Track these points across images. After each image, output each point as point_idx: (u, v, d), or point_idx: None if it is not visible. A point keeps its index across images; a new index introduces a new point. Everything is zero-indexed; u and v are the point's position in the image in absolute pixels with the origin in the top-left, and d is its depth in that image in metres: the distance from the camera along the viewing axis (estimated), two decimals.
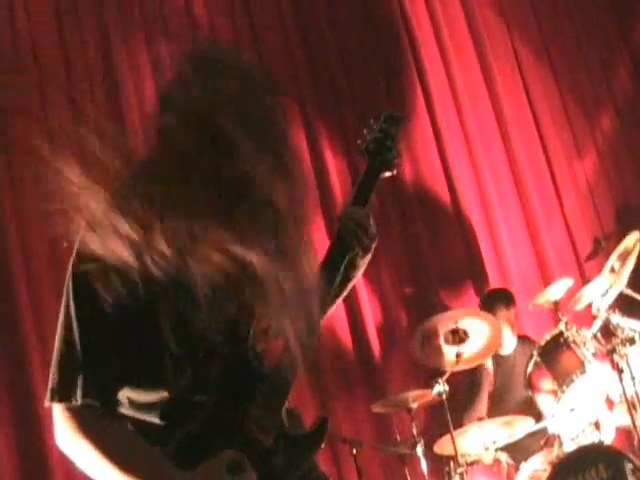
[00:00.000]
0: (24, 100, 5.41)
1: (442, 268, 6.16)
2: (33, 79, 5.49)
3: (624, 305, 5.47)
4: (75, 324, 1.82)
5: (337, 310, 5.61)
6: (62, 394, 1.80)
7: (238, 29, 6.22)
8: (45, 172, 1.80)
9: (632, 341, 5.07)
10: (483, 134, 6.57)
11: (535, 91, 6.87)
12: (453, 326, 5.08)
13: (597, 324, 5.29)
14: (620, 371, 4.86)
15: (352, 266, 2.21)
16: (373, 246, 2.20)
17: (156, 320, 1.81)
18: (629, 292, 5.45)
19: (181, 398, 1.86)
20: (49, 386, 1.83)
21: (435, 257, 6.17)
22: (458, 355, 5.00)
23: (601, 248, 5.80)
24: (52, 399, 1.82)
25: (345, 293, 2.29)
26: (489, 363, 5.57)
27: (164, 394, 1.86)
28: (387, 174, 2.24)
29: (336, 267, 2.12)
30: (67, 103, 5.51)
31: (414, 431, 4.96)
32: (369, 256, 2.23)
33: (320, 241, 5.51)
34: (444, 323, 5.09)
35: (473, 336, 5.11)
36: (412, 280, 6.08)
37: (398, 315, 5.99)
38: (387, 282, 6.01)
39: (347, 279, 2.24)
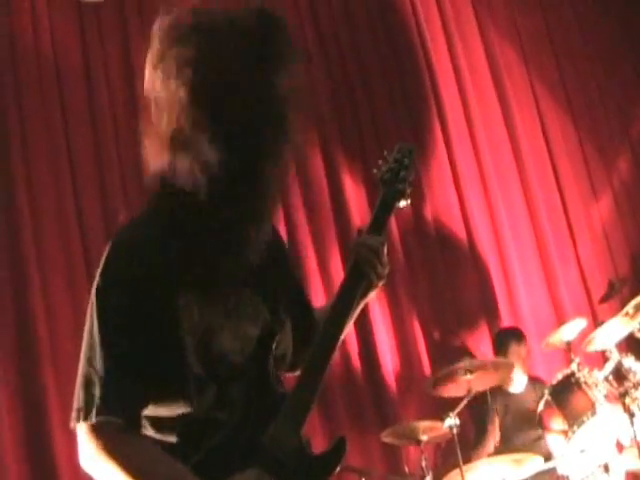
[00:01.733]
0: (46, 115, 5.47)
1: (458, 307, 6.22)
2: (55, 96, 5.57)
3: (637, 349, 5.54)
4: (98, 342, 1.84)
5: (350, 340, 5.69)
6: (85, 413, 1.81)
7: None
8: None
9: None
10: (500, 175, 6.67)
11: (553, 133, 6.98)
12: (467, 366, 5.09)
13: (609, 366, 5.33)
14: (631, 415, 4.89)
15: (364, 295, 2.21)
16: (386, 273, 2.19)
17: (181, 340, 1.85)
18: None
19: (203, 416, 1.89)
20: (74, 406, 1.84)
21: (452, 296, 6.22)
22: (469, 390, 5.03)
23: (615, 291, 5.85)
24: (77, 419, 1.82)
25: (351, 323, 2.27)
26: (499, 400, 5.59)
27: (186, 411, 1.88)
28: (402, 204, 2.29)
29: (353, 296, 2.13)
30: (89, 118, 5.59)
31: (423, 464, 4.96)
32: (380, 284, 2.22)
33: (336, 266, 5.60)
34: (459, 364, 5.10)
35: (485, 373, 5.14)
36: (430, 317, 6.12)
37: (414, 350, 6.01)
38: (407, 322, 6.06)
39: (356, 307, 2.22)
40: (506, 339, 5.70)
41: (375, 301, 5.86)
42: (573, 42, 7.27)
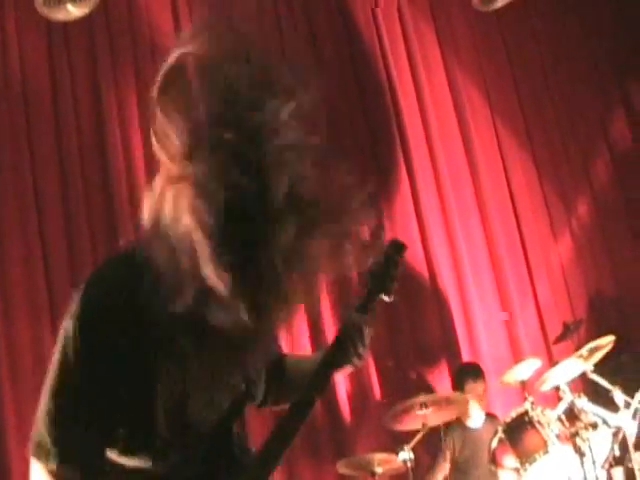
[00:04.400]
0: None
1: (417, 341, 6.28)
2: (21, 117, 5.58)
3: (590, 391, 5.61)
4: (65, 383, 1.79)
5: None
6: (42, 453, 1.78)
7: None
8: None
9: (595, 426, 5.18)
10: (462, 213, 6.75)
11: (515, 173, 7.08)
12: (423, 399, 5.14)
13: (562, 406, 5.40)
14: (582, 455, 4.94)
15: (339, 367, 2.21)
16: (365, 355, 2.22)
17: (153, 402, 1.80)
18: (595, 377, 5.54)
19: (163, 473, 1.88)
20: (33, 438, 1.81)
21: (412, 332, 6.28)
22: (424, 424, 5.06)
23: (570, 333, 5.91)
24: (34, 455, 1.80)
25: None
26: (457, 434, 5.62)
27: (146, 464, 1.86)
28: (385, 299, 2.31)
29: (328, 371, 2.15)
30: (54, 140, 5.60)
31: None
32: (359, 364, 2.23)
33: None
34: (416, 397, 5.16)
35: (441, 407, 5.19)
36: (388, 350, 6.15)
37: (371, 382, 6.05)
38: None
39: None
40: (464, 376, 5.74)
41: (331, 329, 5.90)
42: (536, 85, 7.39)
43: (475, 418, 5.69)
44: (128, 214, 5.41)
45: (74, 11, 5.40)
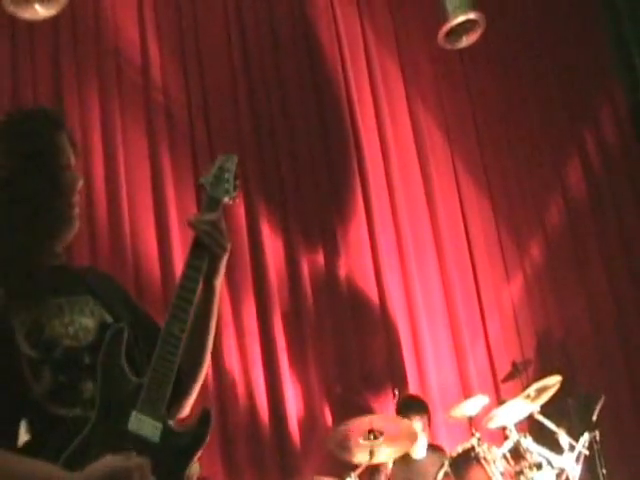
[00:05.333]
0: None
1: (366, 369, 6.23)
2: None
3: (535, 431, 5.64)
4: None
5: (258, 391, 5.64)
6: None
7: (192, 104, 6.31)
8: None
9: (539, 466, 5.25)
10: (417, 245, 6.78)
11: (471, 213, 7.13)
12: (369, 427, 5.08)
13: (508, 445, 5.45)
14: None
15: (214, 272, 2.26)
16: (228, 246, 2.26)
17: (8, 328, 1.91)
18: (541, 418, 5.57)
19: (56, 417, 1.90)
20: None
21: (360, 358, 6.24)
22: (372, 453, 4.99)
23: (518, 372, 5.95)
24: None
25: (215, 308, 2.30)
26: (399, 464, 5.56)
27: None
28: (227, 200, 2.35)
29: (199, 268, 2.19)
30: None
31: None
32: (225, 258, 2.27)
33: (250, 317, 5.57)
34: (362, 425, 5.10)
35: (387, 435, 5.11)
36: (336, 377, 6.10)
37: (320, 407, 6.01)
38: (313, 376, 6.06)
39: (212, 288, 2.27)
40: (409, 408, 5.66)
41: (283, 354, 5.84)
42: (496, 129, 7.46)
43: (419, 449, 5.63)
44: (84, 214, 5.31)
45: (41, 11, 5.30)
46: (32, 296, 2.01)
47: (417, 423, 5.54)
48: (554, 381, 5.57)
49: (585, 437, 5.52)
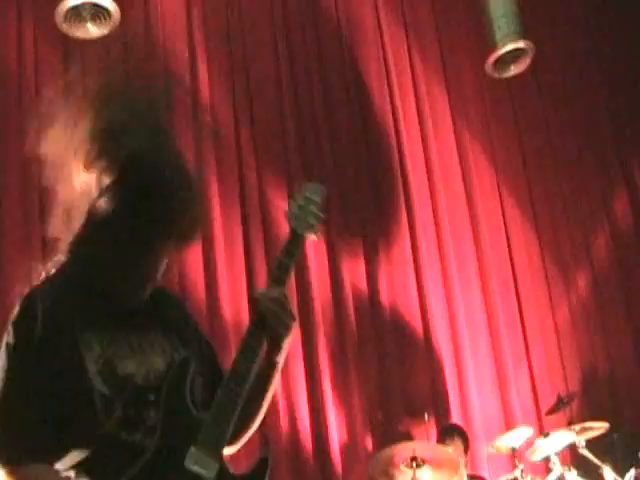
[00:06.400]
0: None
1: (408, 397, 6.17)
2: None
3: (579, 465, 5.53)
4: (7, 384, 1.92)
5: (301, 417, 5.60)
6: (8, 457, 1.87)
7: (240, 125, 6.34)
8: None
9: None
10: (462, 273, 6.72)
11: (517, 242, 7.08)
12: (412, 454, 5.02)
13: (552, 477, 5.38)
14: None
15: (276, 350, 2.18)
16: (293, 326, 2.17)
17: (82, 365, 1.94)
18: (585, 453, 5.46)
19: (116, 440, 1.92)
20: None
21: (403, 385, 6.19)
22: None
23: (563, 405, 5.85)
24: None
25: (273, 385, 2.25)
26: None
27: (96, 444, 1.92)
28: (312, 237, 2.28)
29: (255, 351, 2.11)
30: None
31: None
32: (290, 338, 2.19)
33: (294, 343, 5.52)
34: (404, 451, 5.07)
35: (430, 464, 5.06)
36: (379, 403, 6.05)
37: (362, 436, 5.94)
38: (356, 403, 6.01)
39: (273, 365, 2.20)
40: (449, 436, 5.61)
41: (327, 379, 5.80)
42: (543, 157, 7.41)
43: (460, 478, 5.54)
44: None
45: (93, 30, 5.37)
46: (108, 333, 2.01)
47: (455, 451, 5.47)
48: (600, 426, 5.55)
49: (631, 473, 5.40)
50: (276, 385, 2.25)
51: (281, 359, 2.20)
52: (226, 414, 1.99)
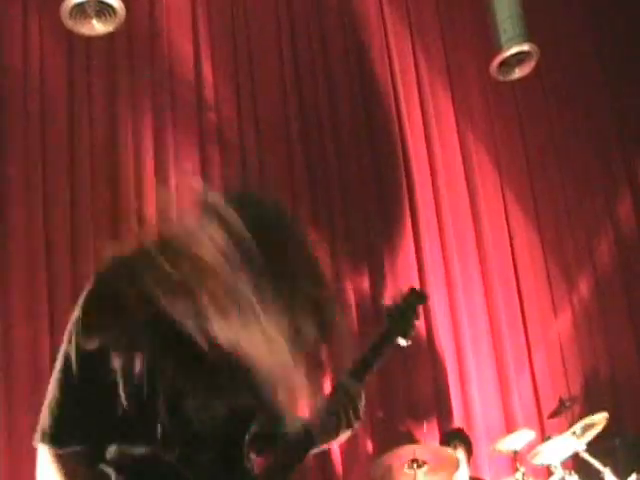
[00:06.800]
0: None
1: (410, 399, 6.14)
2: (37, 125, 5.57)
3: (581, 469, 5.52)
4: (76, 378, 1.86)
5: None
6: (53, 438, 1.85)
7: (244, 124, 6.33)
8: None
9: None
10: (465, 277, 6.68)
11: (520, 246, 7.04)
12: (412, 456, 5.02)
13: None
14: None
15: (330, 437, 2.22)
16: (357, 426, 2.21)
17: (155, 392, 1.85)
18: (587, 457, 5.44)
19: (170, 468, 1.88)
20: (40, 427, 1.87)
21: (405, 387, 6.16)
22: None
23: (565, 409, 5.84)
24: (42, 440, 1.86)
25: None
26: None
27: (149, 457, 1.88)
28: (401, 342, 2.33)
29: (314, 440, 2.13)
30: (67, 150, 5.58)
31: None
32: (347, 435, 2.23)
33: None
34: (405, 454, 5.06)
35: (430, 465, 5.06)
36: (380, 406, 6.03)
37: (363, 437, 5.90)
38: None
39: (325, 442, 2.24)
40: (452, 440, 5.60)
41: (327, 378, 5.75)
42: (547, 160, 7.40)
43: None
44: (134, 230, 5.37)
45: (99, 27, 5.36)
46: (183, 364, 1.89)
47: (459, 454, 5.46)
48: (600, 418, 5.48)
49: (633, 478, 5.39)
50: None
51: (330, 445, 2.26)
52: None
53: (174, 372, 1.86)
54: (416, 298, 2.43)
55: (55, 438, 1.85)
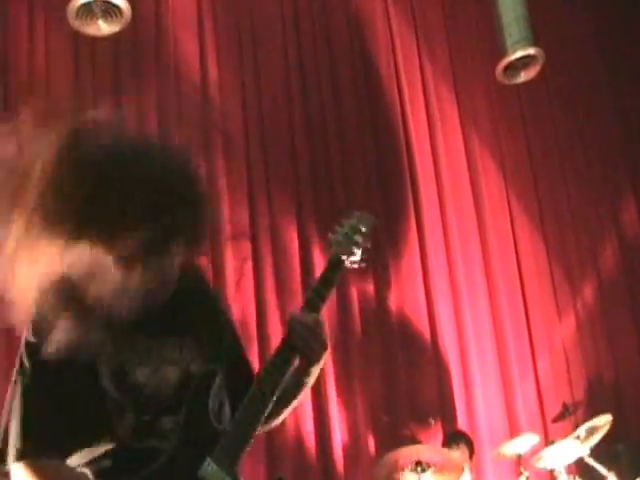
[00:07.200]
0: None
1: (414, 401, 6.13)
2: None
3: (584, 473, 5.53)
4: (19, 391, 1.94)
5: (305, 420, 5.57)
6: (26, 453, 1.88)
7: (249, 123, 6.33)
8: None
9: None
10: (469, 280, 6.68)
11: (524, 250, 7.04)
12: (416, 458, 4.99)
13: None
14: None
15: (305, 373, 2.18)
16: (324, 354, 2.16)
17: (94, 367, 1.94)
18: (591, 461, 5.43)
19: (135, 445, 1.93)
20: (10, 447, 1.90)
21: (409, 390, 6.14)
22: None
23: (568, 413, 5.84)
24: (17, 459, 1.89)
25: (298, 399, 2.25)
26: None
27: (111, 444, 1.93)
28: (352, 265, 2.26)
29: (282, 372, 2.08)
30: None
31: None
32: (321, 363, 2.18)
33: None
34: (409, 455, 5.04)
35: (434, 468, 5.04)
36: (384, 408, 6.01)
37: (366, 439, 5.91)
38: (360, 406, 5.97)
39: (300, 384, 2.20)
40: (455, 443, 5.59)
41: (331, 382, 5.77)
42: (552, 165, 7.39)
43: None
44: None
45: (104, 27, 5.36)
46: (121, 333, 1.95)
47: (460, 457, 5.45)
48: (604, 421, 5.48)
49: None
50: (301, 398, 2.25)
51: (310, 380, 2.21)
52: (246, 430, 1.96)
53: (115, 347, 1.94)
54: (362, 219, 2.31)
55: (28, 452, 1.88)
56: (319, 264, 6.11)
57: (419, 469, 4.94)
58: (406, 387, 6.12)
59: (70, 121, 1.83)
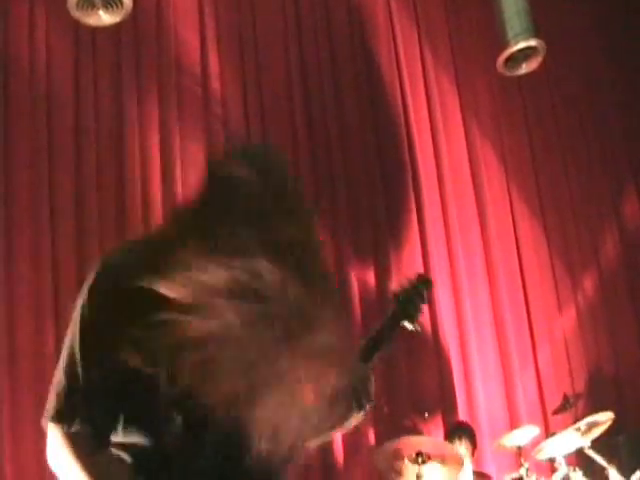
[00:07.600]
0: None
1: (415, 392, 6.14)
2: (42, 116, 5.57)
3: (585, 465, 5.53)
4: (80, 360, 1.84)
5: None
6: (62, 417, 1.83)
7: (250, 117, 6.32)
8: None
9: None
10: (470, 273, 6.68)
11: (525, 243, 7.05)
12: (417, 449, 4.99)
13: (557, 477, 5.36)
14: None
15: (343, 420, 2.21)
16: (368, 407, 2.23)
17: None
18: (591, 453, 5.44)
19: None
20: (50, 407, 1.85)
21: (409, 381, 6.15)
22: (418, 476, 4.89)
23: (569, 405, 5.84)
24: (52, 420, 1.84)
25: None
26: None
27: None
28: (408, 326, 2.37)
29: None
30: (73, 142, 5.58)
31: None
32: (362, 414, 2.23)
33: None
34: (410, 445, 5.03)
35: (435, 460, 5.03)
36: (384, 399, 5.99)
37: (366, 430, 5.88)
38: None
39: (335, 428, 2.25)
40: (457, 433, 5.58)
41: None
42: (553, 158, 7.40)
43: (465, 476, 5.51)
44: (142, 219, 5.48)
45: (105, 18, 5.34)
46: None
47: (463, 449, 5.45)
48: (605, 418, 5.47)
49: (637, 475, 5.39)
50: None
51: (341, 430, 2.28)
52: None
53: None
54: (423, 283, 2.45)
55: (60, 415, 1.83)
56: None
57: (420, 460, 4.94)
58: (406, 378, 6.12)
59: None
